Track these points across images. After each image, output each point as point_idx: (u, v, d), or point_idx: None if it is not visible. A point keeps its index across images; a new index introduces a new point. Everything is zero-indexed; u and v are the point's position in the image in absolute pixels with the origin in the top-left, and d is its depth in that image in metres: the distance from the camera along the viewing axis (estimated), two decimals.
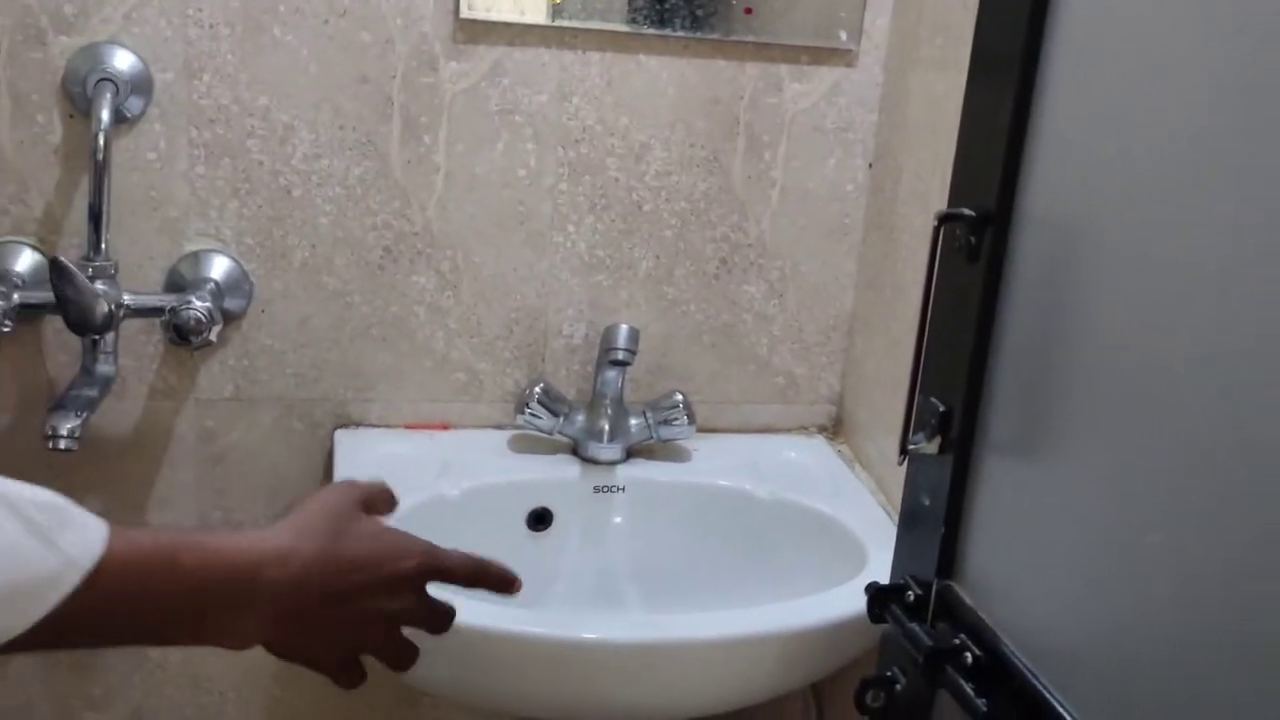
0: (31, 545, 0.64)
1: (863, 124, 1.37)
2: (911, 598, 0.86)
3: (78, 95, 1.19)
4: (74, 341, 1.23)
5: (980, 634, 0.79)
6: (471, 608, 1.05)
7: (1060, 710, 0.70)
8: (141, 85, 1.21)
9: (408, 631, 0.83)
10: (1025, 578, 0.77)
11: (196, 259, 1.27)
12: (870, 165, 1.38)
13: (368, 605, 0.78)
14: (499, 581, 0.85)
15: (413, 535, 0.82)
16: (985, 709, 0.75)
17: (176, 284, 1.26)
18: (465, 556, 0.83)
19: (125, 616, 0.69)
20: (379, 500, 0.83)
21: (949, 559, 0.84)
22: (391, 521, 1.19)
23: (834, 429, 1.48)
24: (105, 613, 0.67)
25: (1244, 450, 0.59)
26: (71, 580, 0.65)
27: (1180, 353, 0.64)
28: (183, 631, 0.73)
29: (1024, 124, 0.76)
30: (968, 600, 0.82)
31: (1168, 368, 0.65)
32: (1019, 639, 0.76)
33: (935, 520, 0.85)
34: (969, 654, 0.78)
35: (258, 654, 1.42)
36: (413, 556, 0.80)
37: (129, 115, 1.21)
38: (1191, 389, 0.63)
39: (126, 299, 1.19)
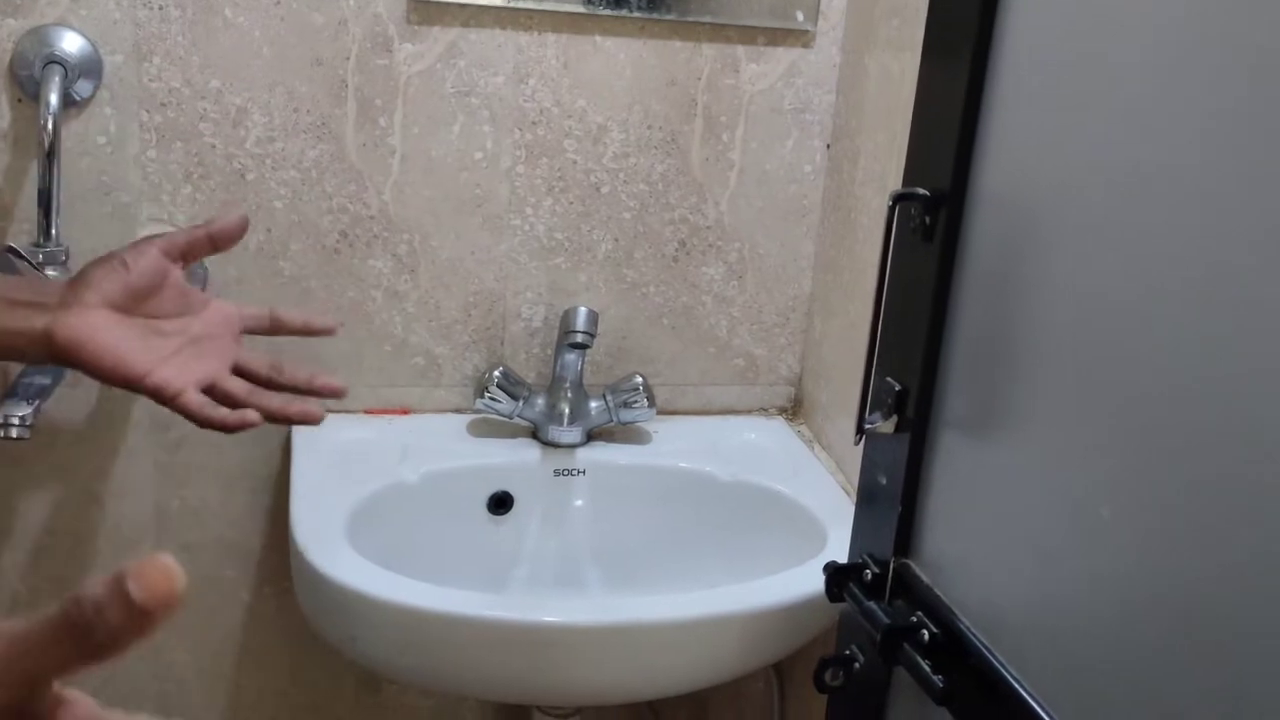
0: None
1: (820, 105, 1.37)
2: (869, 576, 0.87)
3: (25, 79, 1.17)
4: None
5: (937, 611, 0.80)
6: (434, 593, 1.05)
7: (1016, 686, 0.71)
8: (91, 68, 1.19)
9: None
10: (981, 554, 0.78)
11: None
12: (828, 146, 1.38)
13: None
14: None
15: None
16: (942, 685, 0.76)
17: None
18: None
19: None
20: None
21: (906, 537, 0.85)
22: (351, 508, 1.20)
23: (794, 410, 1.48)
24: None
25: (1193, 426, 0.60)
26: None
27: (1131, 330, 0.65)
28: None
29: (977, 104, 0.76)
30: (924, 578, 0.83)
31: (1119, 345, 0.65)
32: (975, 616, 0.77)
33: (892, 499, 0.85)
34: (926, 631, 0.79)
35: (219, 638, 1.42)
36: None
37: (78, 99, 1.20)
38: (1142, 366, 0.64)
39: None
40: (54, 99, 1.14)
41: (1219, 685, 0.58)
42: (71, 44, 1.18)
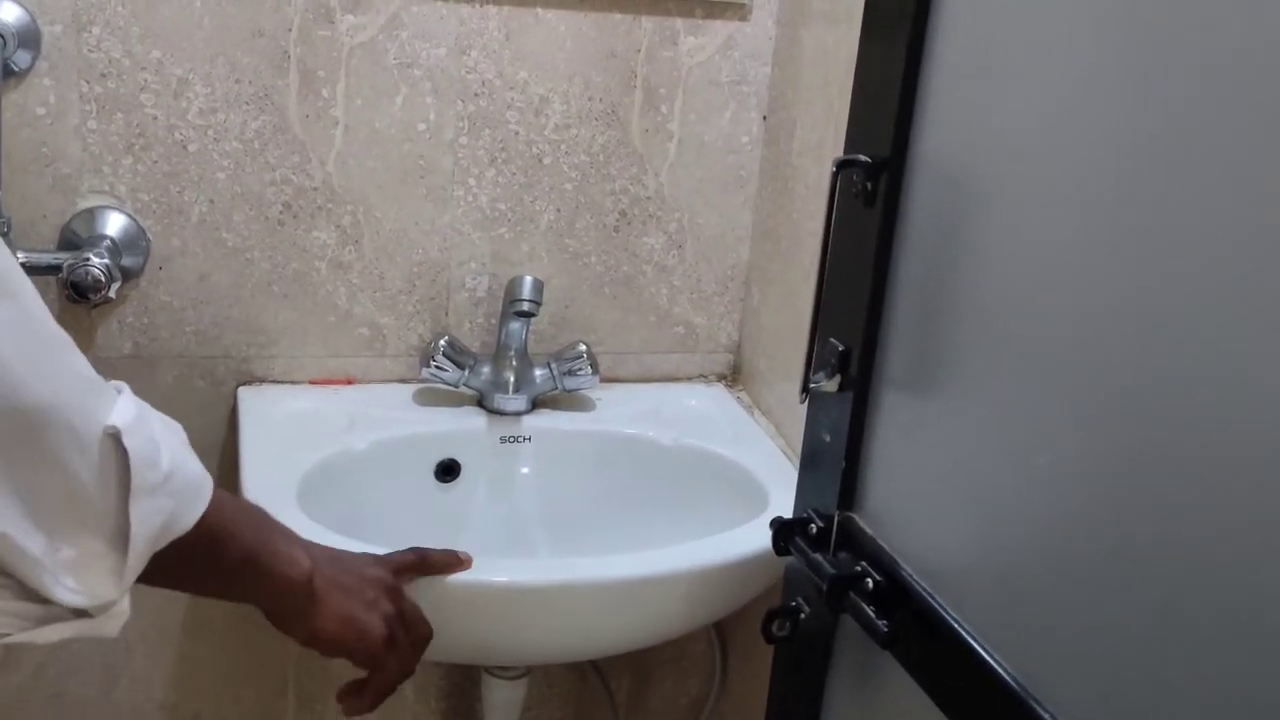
0: (188, 454, 0.75)
1: (757, 77, 1.40)
2: (814, 530, 0.90)
3: None
4: None
5: (880, 560, 0.83)
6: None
7: (956, 626, 0.75)
8: (29, 38, 1.18)
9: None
10: (921, 505, 0.82)
11: (91, 216, 1.25)
12: (765, 118, 1.41)
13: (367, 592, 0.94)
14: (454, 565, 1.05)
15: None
16: (886, 629, 0.79)
17: (71, 242, 1.24)
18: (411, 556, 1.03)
19: (225, 544, 0.80)
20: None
21: (849, 492, 0.88)
22: (300, 475, 1.21)
23: (733, 377, 1.52)
24: (216, 537, 0.78)
25: (1122, 378, 0.64)
26: (209, 489, 0.76)
27: (1063, 289, 0.68)
28: (254, 573, 0.85)
29: (916, 72, 0.79)
30: (868, 530, 0.86)
31: (1052, 303, 0.69)
32: (916, 563, 0.81)
33: (836, 455, 0.89)
34: (870, 579, 0.82)
35: (164, 605, 1.42)
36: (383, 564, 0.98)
37: (16, 69, 1.19)
38: (1073, 322, 0.67)
39: (21, 257, 1.17)
40: None
41: (1146, 621, 0.62)
42: (9, 13, 1.17)
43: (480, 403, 1.37)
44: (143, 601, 1.43)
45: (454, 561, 1.05)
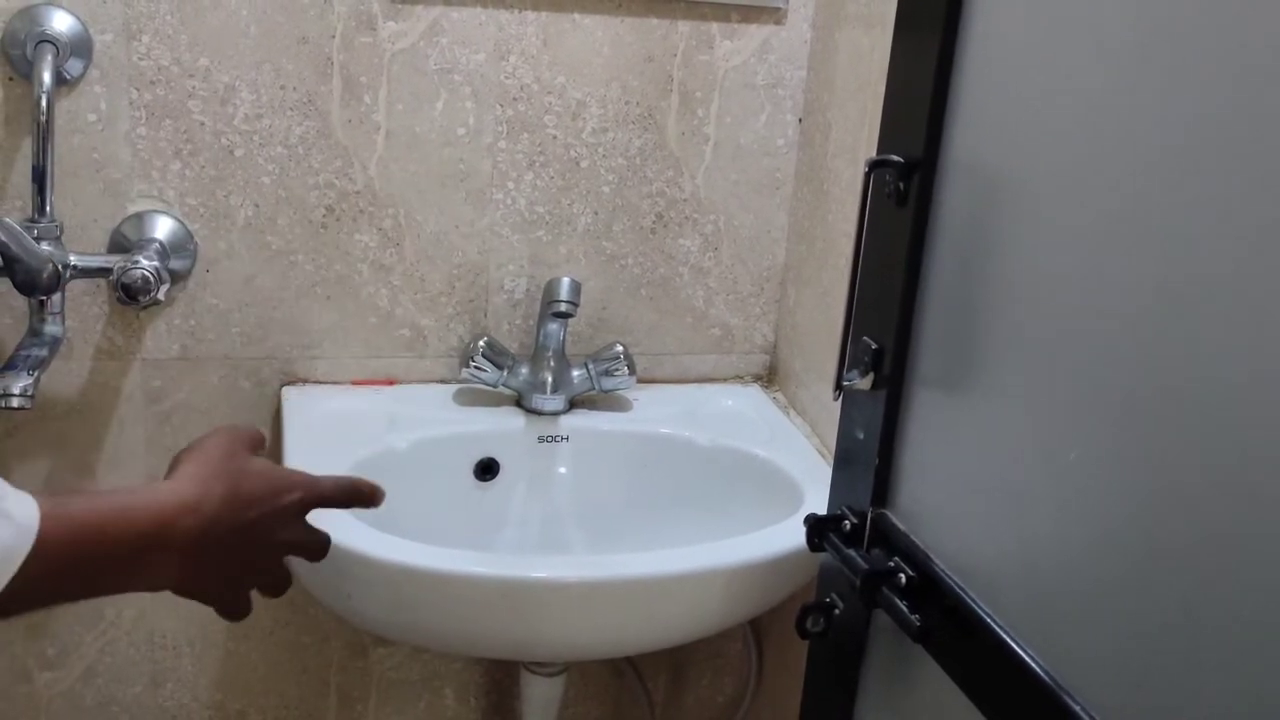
0: None
1: (792, 80, 1.41)
2: (848, 526, 0.91)
3: (17, 58, 1.20)
4: (19, 303, 1.24)
5: (913, 556, 0.84)
6: (422, 551, 1.09)
7: (988, 620, 0.76)
8: (81, 47, 1.21)
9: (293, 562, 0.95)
10: (954, 502, 0.83)
11: (140, 220, 1.28)
12: (800, 120, 1.42)
13: (263, 537, 0.86)
14: (367, 497, 0.95)
15: (291, 469, 0.92)
16: (919, 623, 0.80)
17: (121, 245, 1.27)
18: (337, 481, 0.93)
19: (61, 580, 0.73)
20: (257, 441, 0.92)
21: (882, 489, 0.89)
22: (343, 474, 1.23)
23: (769, 377, 1.53)
24: (46, 576, 0.70)
25: (1151, 374, 0.64)
26: (25, 546, 0.69)
27: (1092, 288, 0.69)
28: (109, 587, 0.80)
29: (948, 73, 0.80)
30: (901, 526, 0.87)
31: (1081, 302, 0.70)
32: (949, 559, 0.82)
33: (869, 453, 0.90)
34: (903, 575, 0.84)
35: (211, 610, 1.44)
36: (297, 489, 0.88)
37: (69, 77, 1.22)
38: (1103, 320, 0.68)
39: (73, 259, 1.20)
40: (47, 77, 1.17)
41: (1178, 616, 0.63)
42: (62, 23, 1.20)
43: (519, 403, 1.39)
44: (189, 604, 1.46)
45: (374, 494, 0.96)
